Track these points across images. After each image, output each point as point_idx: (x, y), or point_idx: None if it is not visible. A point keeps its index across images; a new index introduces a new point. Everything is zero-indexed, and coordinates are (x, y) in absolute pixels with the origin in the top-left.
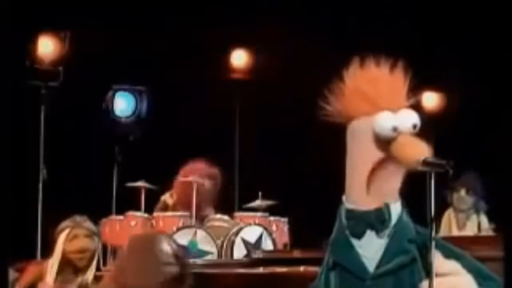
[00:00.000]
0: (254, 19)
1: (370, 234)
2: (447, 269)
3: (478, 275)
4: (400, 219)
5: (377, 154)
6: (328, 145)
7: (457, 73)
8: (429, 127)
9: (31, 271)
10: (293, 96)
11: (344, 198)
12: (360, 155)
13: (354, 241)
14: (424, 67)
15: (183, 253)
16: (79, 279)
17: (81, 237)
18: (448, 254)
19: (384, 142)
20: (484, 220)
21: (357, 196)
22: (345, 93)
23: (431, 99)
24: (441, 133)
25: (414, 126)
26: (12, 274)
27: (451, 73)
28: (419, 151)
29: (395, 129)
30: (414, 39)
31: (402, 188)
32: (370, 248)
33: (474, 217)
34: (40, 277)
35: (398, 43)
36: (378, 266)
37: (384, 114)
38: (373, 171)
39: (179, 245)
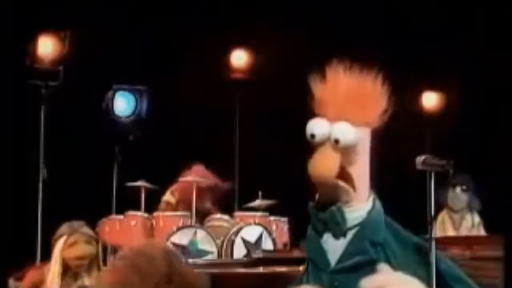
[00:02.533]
0: (254, 19)
1: (327, 235)
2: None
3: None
4: (366, 220)
5: None
6: None
7: (457, 73)
8: (429, 127)
9: (30, 276)
10: (293, 96)
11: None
12: None
13: (319, 238)
14: (424, 67)
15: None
16: (79, 282)
17: (80, 243)
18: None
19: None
20: (476, 218)
21: (317, 197)
22: (315, 91)
23: (431, 99)
24: (441, 133)
25: (336, 141)
26: (12, 283)
27: (451, 73)
28: (314, 165)
29: (312, 136)
30: (414, 39)
31: (396, 188)
32: (332, 246)
33: (468, 216)
34: (41, 282)
35: (398, 43)
36: (337, 263)
37: (314, 120)
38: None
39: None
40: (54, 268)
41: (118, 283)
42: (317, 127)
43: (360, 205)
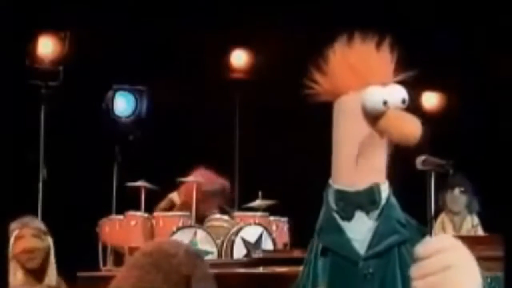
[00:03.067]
0: (254, 20)
1: (359, 216)
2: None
3: None
4: (388, 200)
5: (365, 131)
6: (328, 145)
7: (457, 73)
8: (429, 127)
9: None
10: (293, 96)
11: (330, 180)
12: (348, 132)
13: (344, 224)
14: (424, 67)
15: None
16: (43, 283)
17: (27, 237)
18: None
19: (372, 117)
20: (475, 220)
21: (346, 176)
22: (332, 69)
23: (431, 99)
24: (441, 133)
25: (403, 101)
26: None
27: (451, 73)
28: (411, 125)
29: (385, 102)
30: (414, 39)
31: (397, 187)
32: (360, 230)
33: (468, 218)
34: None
35: (398, 42)
36: (368, 248)
37: (374, 88)
38: (361, 149)
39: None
40: (10, 267)
41: (141, 278)
42: (381, 93)
43: (386, 184)
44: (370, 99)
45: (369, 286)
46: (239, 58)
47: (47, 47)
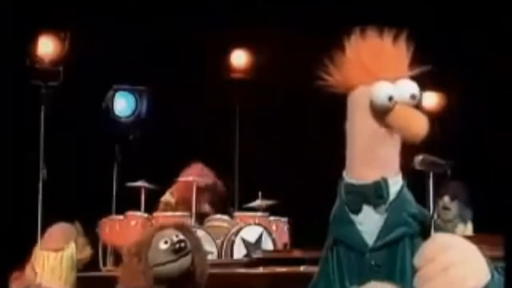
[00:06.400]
0: (254, 20)
1: (367, 210)
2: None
3: None
4: (399, 193)
5: (374, 125)
6: (328, 145)
7: (457, 73)
8: (429, 127)
9: (22, 276)
10: (293, 96)
11: (344, 173)
12: (358, 126)
13: (353, 217)
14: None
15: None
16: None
17: (86, 245)
18: None
19: (381, 113)
20: (469, 228)
21: (357, 169)
22: (344, 63)
23: (431, 99)
24: (441, 133)
25: (413, 97)
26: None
27: (451, 73)
28: (417, 122)
29: (391, 98)
30: (414, 39)
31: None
32: (369, 223)
33: (461, 227)
34: (33, 281)
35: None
36: (376, 240)
37: (381, 84)
38: (372, 143)
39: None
40: (68, 273)
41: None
42: (387, 89)
43: (398, 177)
44: (377, 94)
45: (375, 277)
46: (239, 58)
47: (47, 47)
